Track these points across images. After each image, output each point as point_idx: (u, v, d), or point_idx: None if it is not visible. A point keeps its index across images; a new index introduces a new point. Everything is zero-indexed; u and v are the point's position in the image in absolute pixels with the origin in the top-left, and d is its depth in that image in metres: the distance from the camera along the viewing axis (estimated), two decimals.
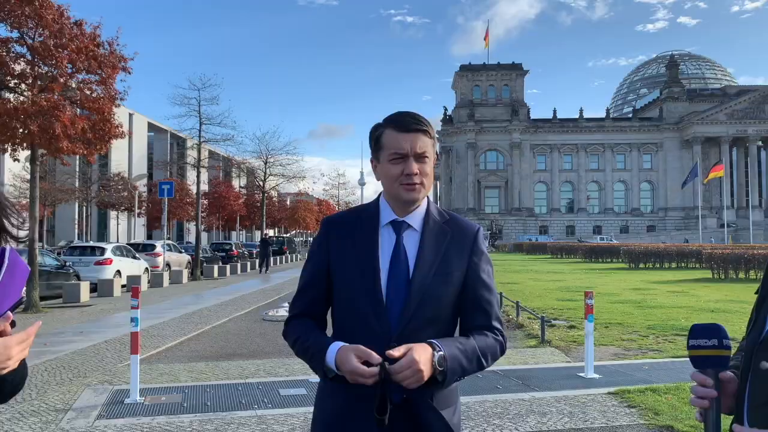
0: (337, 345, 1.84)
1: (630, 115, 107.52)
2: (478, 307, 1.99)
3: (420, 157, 1.92)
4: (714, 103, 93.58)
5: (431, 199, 2.09)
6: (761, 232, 78.72)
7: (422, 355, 1.75)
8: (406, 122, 1.93)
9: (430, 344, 1.80)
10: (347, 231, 2.01)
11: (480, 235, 2.07)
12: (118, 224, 66.30)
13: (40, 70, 15.46)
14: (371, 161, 2.05)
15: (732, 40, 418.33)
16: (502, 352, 2.00)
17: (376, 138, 1.99)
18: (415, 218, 2.00)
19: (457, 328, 2.06)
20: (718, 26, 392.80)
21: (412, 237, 1.98)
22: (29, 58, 15.32)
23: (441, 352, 1.79)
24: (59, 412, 6.24)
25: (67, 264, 20.02)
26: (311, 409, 2.08)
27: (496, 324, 2.00)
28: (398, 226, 1.99)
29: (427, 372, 1.74)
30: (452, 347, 1.84)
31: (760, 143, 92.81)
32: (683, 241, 65.79)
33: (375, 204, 2.06)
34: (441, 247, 1.97)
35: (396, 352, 1.74)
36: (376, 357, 1.75)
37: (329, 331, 2.01)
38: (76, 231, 62.01)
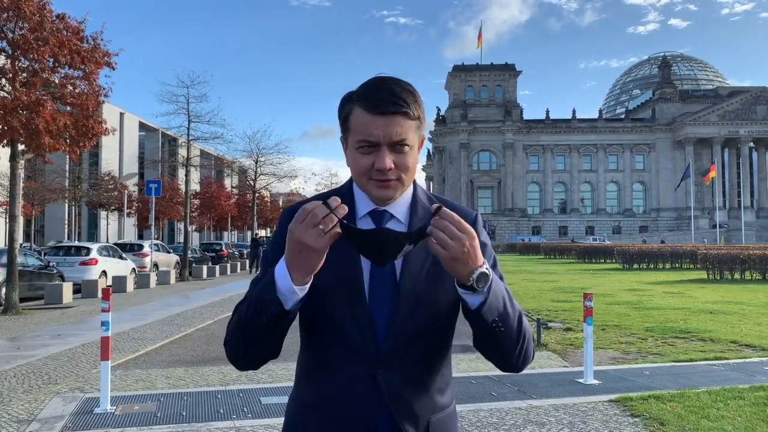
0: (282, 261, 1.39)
1: (623, 116, 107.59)
2: None
3: (397, 146, 1.48)
4: (706, 104, 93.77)
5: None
6: (753, 232, 78.84)
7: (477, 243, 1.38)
8: (379, 100, 1.46)
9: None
10: None
11: (479, 222, 1.65)
12: (108, 224, 65.56)
13: (20, 64, 15.00)
14: (341, 140, 1.61)
15: (722, 42, 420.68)
16: (532, 349, 1.59)
17: (344, 116, 1.54)
18: (400, 207, 1.58)
19: (452, 344, 1.66)
20: (708, 28, 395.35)
21: (397, 229, 1.57)
22: (9, 52, 14.86)
23: (489, 273, 1.40)
24: (21, 423, 5.81)
25: (51, 264, 19.51)
26: None
27: (519, 308, 1.57)
28: (379, 217, 1.57)
29: (471, 247, 1.35)
30: (499, 281, 1.48)
31: (751, 144, 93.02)
32: (641, 242, 66.08)
33: (348, 189, 1.62)
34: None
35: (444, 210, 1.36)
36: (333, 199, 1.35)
37: (292, 348, 1.59)
38: (66, 231, 61.27)
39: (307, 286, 1.39)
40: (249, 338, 1.47)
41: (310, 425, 1.54)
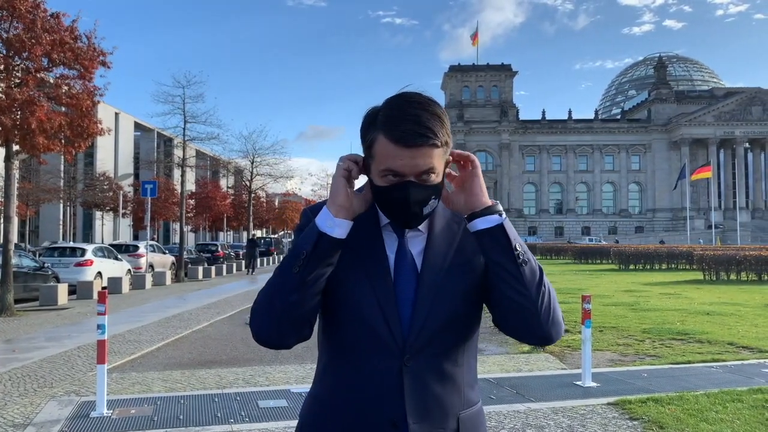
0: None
1: (618, 117, 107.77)
2: None
3: (423, 176, 1.46)
4: (702, 104, 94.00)
5: None
6: (748, 233, 79.08)
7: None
8: (405, 132, 1.41)
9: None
10: None
11: None
12: (104, 225, 65.42)
13: (14, 63, 14.91)
14: (363, 161, 1.56)
15: (716, 43, 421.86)
16: (561, 315, 1.61)
17: (368, 142, 1.50)
18: None
19: (478, 335, 1.65)
20: (702, 30, 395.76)
21: (417, 239, 1.58)
22: (3, 51, 14.77)
23: (502, 212, 1.52)
24: (17, 427, 5.75)
25: (46, 265, 19.41)
26: (291, 423, 1.65)
27: None
28: (400, 229, 1.58)
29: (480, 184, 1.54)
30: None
31: (747, 145, 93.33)
32: (614, 242, 66.24)
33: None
34: (455, 238, 1.57)
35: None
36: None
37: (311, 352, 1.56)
38: (61, 231, 61.06)
39: (344, 222, 1.47)
40: (285, 288, 1.46)
41: (332, 419, 1.52)
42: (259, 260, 38.52)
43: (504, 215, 1.50)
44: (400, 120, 1.43)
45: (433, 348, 1.50)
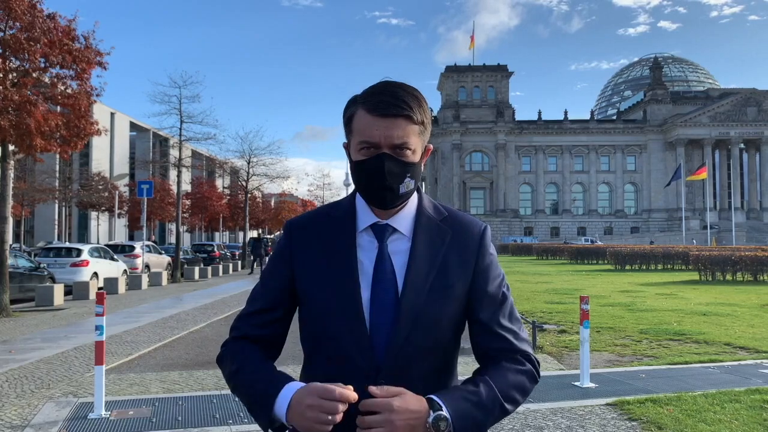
0: (294, 386, 1.39)
1: (614, 117, 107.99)
2: (493, 328, 1.54)
3: (397, 150, 1.45)
4: (697, 105, 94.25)
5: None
6: (743, 233, 79.33)
7: (408, 405, 1.32)
8: (382, 102, 1.44)
9: (429, 401, 1.36)
10: (315, 237, 1.55)
11: (487, 235, 1.60)
12: (99, 225, 65.19)
13: (11, 64, 14.85)
14: (344, 145, 1.58)
15: (711, 44, 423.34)
16: (534, 381, 1.53)
17: (347, 118, 1.53)
18: (403, 220, 1.54)
19: (457, 359, 1.62)
20: (697, 31, 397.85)
21: (399, 244, 1.53)
22: (0, 51, 14.71)
23: (442, 413, 1.34)
24: (15, 429, 5.73)
25: (42, 266, 19.34)
26: None
27: (522, 346, 1.54)
28: (381, 231, 1.53)
29: (402, 429, 1.30)
30: (461, 402, 1.39)
31: (742, 145, 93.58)
32: (587, 242, 66.16)
33: (349, 202, 1.60)
34: (438, 254, 1.52)
35: (378, 390, 1.33)
36: (352, 395, 1.33)
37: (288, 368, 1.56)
38: (56, 231, 60.86)
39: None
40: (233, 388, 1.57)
41: None
42: (266, 259, 38.58)
43: (447, 422, 1.35)
44: (378, 93, 1.47)
45: (409, 373, 1.46)
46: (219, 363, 1.60)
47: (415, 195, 1.58)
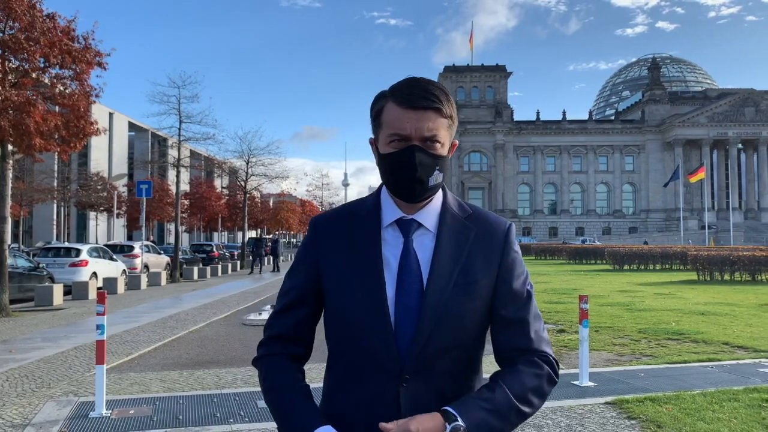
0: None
1: (612, 118, 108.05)
2: (515, 325, 1.56)
3: (428, 143, 1.47)
4: (695, 105, 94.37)
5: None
6: (741, 233, 79.48)
7: (423, 424, 1.34)
8: (412, 96, 1.46)
9: (444, 414, 1.38)
10: (341, 234, 1.57)
11: (512, 233, 1.62)
12: (98, 225, 65.14)
13: (11, 64, 14.86)
14: (371, 141, 1.60)
15: (709, 44, 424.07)
16: (553, 383, 1.54)
17: (376, 112, 1.54)
18: (428, 215, 1.56)
19: (482, 356, 1.64)
20: (695, 31, 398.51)
21: (424, 240, 1.54)
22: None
23: (458, 423, 1.36)
24: (16, 428, 5.75)
25: (41, 265, 19.35)
26: None
27: (541, 346, 1.55)
28: (406, 227, 1.54)
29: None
30: (476, 411, 1.40)
31: (740, 146, 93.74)
32: (580, 242, 66.15)
33: (374, 198, 1.61)
34: (463, 251, 1.53)
35: (391, 425, 1.34)
36: None
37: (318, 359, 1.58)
38: (55, 231, 60.81)
39: None
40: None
41: None
42: (266, 259, 38.71)
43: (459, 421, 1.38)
44: (407, 87, 1.49)
45: (432, 370, 1.48)
46: (254, 364, 1.64)
47: (440, 191, 1.59)
